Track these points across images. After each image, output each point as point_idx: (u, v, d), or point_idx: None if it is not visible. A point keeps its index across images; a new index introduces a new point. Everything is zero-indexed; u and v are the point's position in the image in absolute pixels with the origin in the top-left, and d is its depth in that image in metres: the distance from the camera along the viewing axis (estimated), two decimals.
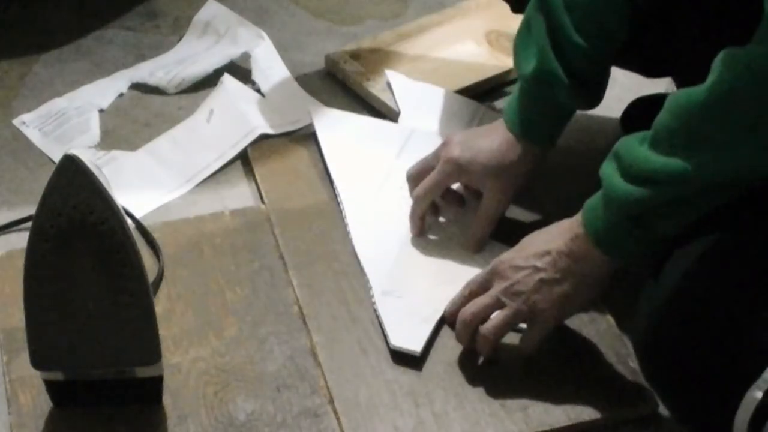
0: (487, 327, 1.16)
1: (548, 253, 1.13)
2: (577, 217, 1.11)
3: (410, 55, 1.62)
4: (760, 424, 0.99)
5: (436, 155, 1.29)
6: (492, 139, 1.27)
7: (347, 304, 1.26)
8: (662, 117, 1.03)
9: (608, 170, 1.07)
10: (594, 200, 1.10)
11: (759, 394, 0.98)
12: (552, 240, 1.13)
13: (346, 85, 1.59)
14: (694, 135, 1.00)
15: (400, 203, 1.34)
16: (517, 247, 1.17)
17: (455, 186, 1.33)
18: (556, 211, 1.20)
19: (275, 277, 1.30)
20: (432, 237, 1.33)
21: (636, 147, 1.05)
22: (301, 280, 1.29)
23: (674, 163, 1.01)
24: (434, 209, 1.33)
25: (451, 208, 1.33)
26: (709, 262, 1.06)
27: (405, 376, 1.20)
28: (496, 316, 1.16)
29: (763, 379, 0.98)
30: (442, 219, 1.34)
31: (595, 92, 1.26)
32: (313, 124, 1.49)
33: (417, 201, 1.30)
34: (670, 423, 1.16)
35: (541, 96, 1.24)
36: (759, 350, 0.99)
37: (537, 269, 1.13)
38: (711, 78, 0.99)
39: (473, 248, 1.30)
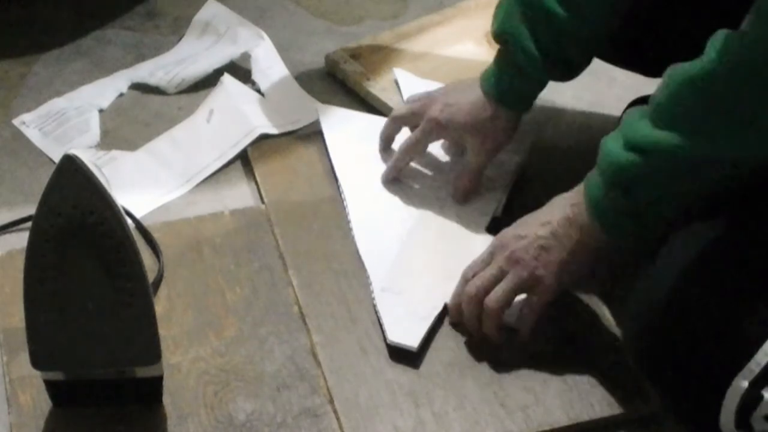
0: (490, 297, 1.17)
1: (549, 222, 1.16)
2: (580, 186, 1.14)
3: (410, 55, 1.62)
4: (747, 414, 0.99)
5: (421, 107, 1.35)
6: (470, 97, 1.31)
7: (347, 304, 1.26)
8: (659, 92, 1.06)
9: (609, 138, 1.11)
10: (594, 168, 1.12)
11: (745, 384, 0.98)
12: (553, 211, 1.16)
13: (346, 85, 1.59)
14: (688, 113, 1.02)
15: (403, 200, 1.35)
16: (519, 221, 1.20)
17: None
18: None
19: (275, 277, 1.30)
20: (431, 233, 1.33)
21: (637, 118, 1.07)
22: (301, 280, 1.29)
23: (668, 136, 1.03)
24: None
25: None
26: (696, 256, 1.06)
27: (405, 376, 1.20)
28: (499, 286, 1.17)
29: (748, 369, 0.98)
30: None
31: (568, 65, 1.28)
32: (313, 124, 1.49)
33: (399, 156, 1.37)
34: (670, 423, 1.16)
35: (508, 58, 1.27)
36: (744, 340, 0.99)
37: (537, 237, 1.16)
38: (708, 58, 1.01)
39: (459, 199, 1.35)
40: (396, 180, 1.38)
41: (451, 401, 1.17)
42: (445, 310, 1.25)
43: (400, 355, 1.21)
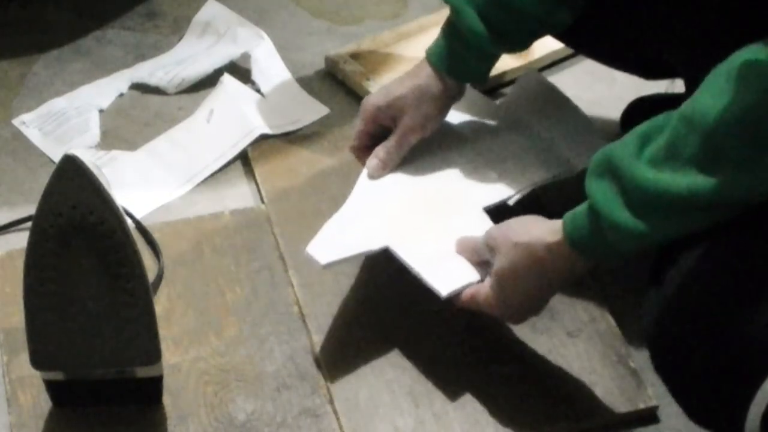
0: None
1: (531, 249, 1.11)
2: (560, 232, 1.08)
3: (410, 55, 1.62)
4: None
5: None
6: (409, 78, 1.28)
7: (347, 304, 1.26)
8: (675, 132, 0.99)
9: (604, 194, 1.03)
10: (581, 221, 1.06)
11: None
12: (537, 241, 1.11)
13: (346, 85, 1.59)
14: (717, 152, 0.96)
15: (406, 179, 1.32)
16: (509, 230, 1.15)
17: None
18: (556, 211, 1.20)
19: (275, 277, 1.30)
20: (431, 194, 1.29)
21: (640, 167, 1.00)
22: (301, 280, 1.29)
23: (696, 182, 0.97)
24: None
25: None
26: (718, 256, 1.05)
27: (405, 376, 1.20)
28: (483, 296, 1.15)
29: None
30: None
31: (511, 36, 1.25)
32: (313, 124, 1.50)
33: (352, 149, 1.31)
34: (671, 423, 1.16)
35: (453, 28, 1.25)
36: None
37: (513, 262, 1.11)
38: (733, 91, 0.95)
39: (373, 170, 1.28)
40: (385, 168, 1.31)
41: (451, 401, 1.17)
42: (383, 255, 1.21)
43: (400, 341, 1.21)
